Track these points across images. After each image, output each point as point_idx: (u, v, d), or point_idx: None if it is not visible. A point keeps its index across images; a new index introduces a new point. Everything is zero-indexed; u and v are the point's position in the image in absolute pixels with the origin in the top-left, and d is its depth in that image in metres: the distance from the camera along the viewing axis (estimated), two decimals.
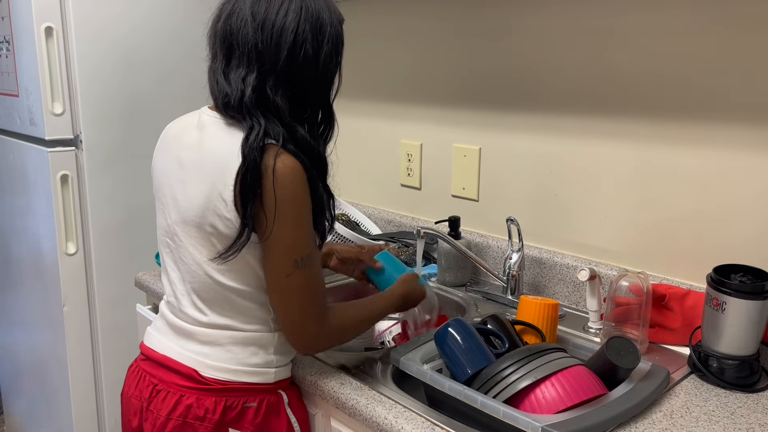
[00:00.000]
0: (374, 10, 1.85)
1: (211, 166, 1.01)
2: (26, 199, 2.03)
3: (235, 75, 1.01)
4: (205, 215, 1.01)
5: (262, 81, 1.00)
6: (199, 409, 1.05)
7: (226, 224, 0.99)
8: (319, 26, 1.02)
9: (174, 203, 1.07)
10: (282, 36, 0.99)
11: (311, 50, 1.01)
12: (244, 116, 0.99)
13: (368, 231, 1.87)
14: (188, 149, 1.06)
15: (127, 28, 1.88)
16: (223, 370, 1.06)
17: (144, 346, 1.17)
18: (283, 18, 0.99)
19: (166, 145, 1.12)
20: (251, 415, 1.07)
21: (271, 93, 1.00)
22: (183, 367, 1.07)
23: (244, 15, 1.00)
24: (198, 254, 1.04)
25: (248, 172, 0.96)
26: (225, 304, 1.06)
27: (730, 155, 1.23)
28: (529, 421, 0.91)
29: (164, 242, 1.12)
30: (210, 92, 1.06)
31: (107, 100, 1.88)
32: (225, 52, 1.03)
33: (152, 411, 1.08)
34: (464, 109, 1.67)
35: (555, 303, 1.23)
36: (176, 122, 1.15)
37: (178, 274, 1.10)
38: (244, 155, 0.97)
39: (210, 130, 1.04)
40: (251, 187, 0.96)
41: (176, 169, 1.07)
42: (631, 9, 1.31)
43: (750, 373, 1.11)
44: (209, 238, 1.02)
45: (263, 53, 0.99)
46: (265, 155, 0.97)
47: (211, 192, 1.00)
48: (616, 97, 1.37)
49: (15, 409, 2.50)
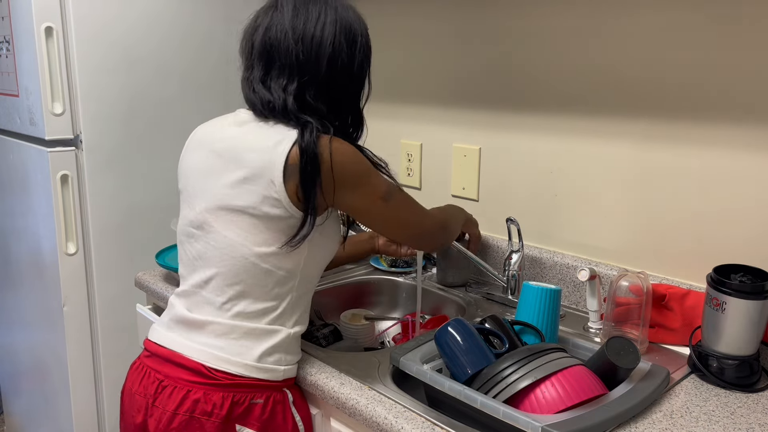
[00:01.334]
0: (374, 11, 1.85)
1: (256, 151, 1.04)
2: (26, 199, 2.03)
3: (275, 84, 1.07)
4: (250, 198, 1.04)
5: (302, 89, 1.07)
6: (207, 404, 1.05)
7: (274, 205, 1.03)
8: (352, 37, 1.09)
9: (204, 193, 1.10)
10: (321, 47, 1.06)
11: (347, 60, 1.09)
12: (291, 119, 1.06)
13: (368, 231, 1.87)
14: (227, 140, 1.10)
15: (127, 28, 1.88)
16: (234, 363, 1.07)
17: (149, 342, 1.16)
18: (321, 30, 1.06)
19: (197, 143, 1.16)
20: (258, 412, 1.07)
21: (311, 100, 1.07)
22: (190, 361, 1.08)
23: (284, 28, 1.06)
24: (236, 237, 1.06)
25: (308, 163, 1.01)
26: (253, 288, 1.08)
27: (730, 155, 1.23)
28: (529, 421, 0.91)
29: (188, 233, 1.14)
30: (245, 100, 1.12)
31: (107, 100, 1.88)
32: (264, 63, 1.09)
33: (158, 407, 1.08)
34: (464, 109, 1.67)
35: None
36: (208, 123, 1.19)
37: (203, 262, 1.11)
38: (302, 149, 1.02)
39: (251, 126, 1.09)
40: (311, 178, 1.02)
41: (211, 160, 1.11)
42: (632, 9, 1.31)
43: (750, 373, 1.11)
44: (251, 220, 1.05)
45: (303, 64, 1.06)
46: (319, 143, 1.03)
47: (258, 176, 1.03)
48: (616, 97, 1.37)
49: (15, 409, 2.50)
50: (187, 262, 1.15)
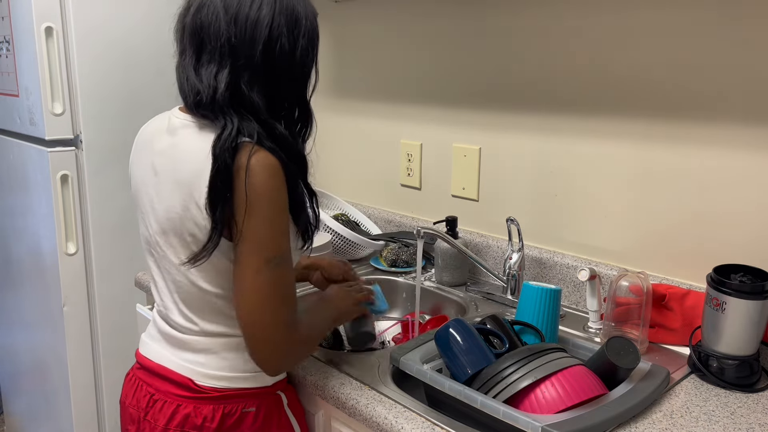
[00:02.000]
0: (374, 11, 1.85)
1: (184, 173, 0.96)
2: (26, 199, 2.03)
3: (206, 71, 0.96)
4: (184, 224, 0.97)
5: (236, 77, 0.95)
6: (197, 417, 1.03)
7: (203, 232, 0.95)
8: (295, 20, 0.98)
9: (153, 212, 1.03)
10: (256, 29, 0.95)
11: (287, 44, 0.97)
12: (216, 115, 0.95)
13: (368, 231, 1.87)
14: (160, 155, 1.01)
15: (126, 28, 1.88)
16: (220, 378, 1.04)
17: (139, 355, 1.15)
18: (257, 11, 0.95)
19: (140, 151, 1.09)
20: (250, 420, 1.06)
21: (246, 89, 0.95)
22: (178, 376, 1.05)
23: (215, 8, 0.95)
24: (177, 261, 1.01)
25: (219, 174, 0.91)
26: (212, 310, 1.03)
27: (730, 155, 1.23)
28: (529, 421, 0.91)
29: (147, 251, 1.09)
30: (179, 91, 1.00)
31: (107, 100, 1.88)
32: (195, 48, 0.97)
33: (149, 421, 1.07)
34: (464, 109, 1.67)
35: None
36: (148, 125, 1.11)
37: (164, 283, 1.07)
38: (215, 155, 0.91)
39: (181, 135, 0.99)
40: (221, 190, 0.91)
41: (151, 176, 1.03)
42: (632, 9, 1.31)
43: (750, 373, 1.11)
44: (189, 246, 0.98)
45: (237, 48, 0.95)
46: (238, 155, 0.92)
47: (188, 200, 0.96)
48: (616, 97, 1.37)
49: (15, 409, 2.50)
50: (152, 280, 1.11)
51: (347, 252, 1.73)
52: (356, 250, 1.73)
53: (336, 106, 2.04)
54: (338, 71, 2.01)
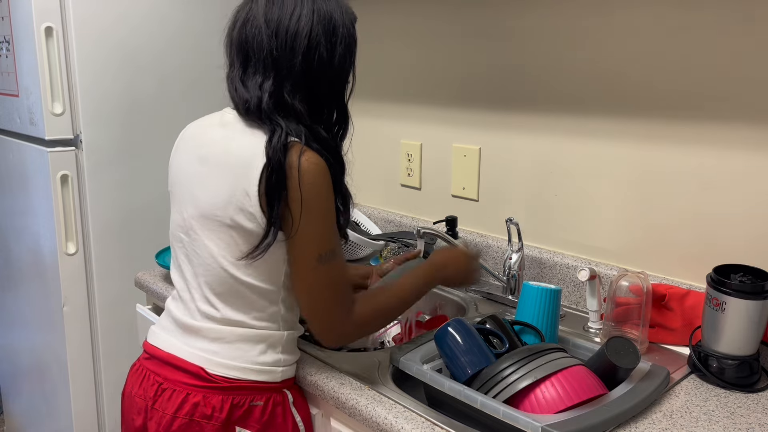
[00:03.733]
0: (374, 10, 1.85)
1: (236, 161, 1.02)
2: (26, 199, 2.03)
3: (252, 82, 1.03)
4: (227, 209, 1.02)
5: (279, 87, 1.02)
6: (206, 407, 1.05)
7: (249, 218, 1.00)
8: (332, 28, 1.03)
9: (191, 199, 1.08)
10: (296, 41, 1.01)
11: (325, 53, 1.03)
12: (264, 120, 1.01)
13: (368, 231, 1.87)
14: (211, 145, 1.07)
15: (127, 28, 1.88)
16: (232, 367, 1.06)
17: (148, 345, 1.16)
18: (297, 23, 1.01)
19: (185, 144, 1.14)
20: (258, 414, 1.07)
21: (288, 98, 1.02)
22: (189, 365, 1.07)
23: (258, 22, 1.02)
24: (215, 247, 1.05)
25: (273, 172, 0.97)
26: (237, 299, 1.06)
27: (730, 155, 1.23)
28: (529, 421, 0.91)
29: (177, 237, 1.13)
30: (230, 98, 1.08)
31: (107, 100, 1.87)
32: (242, 60, 1.05)
33: (157, 410, 1.08)
34: (464, 109, 1.67)
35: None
36: (197, 122, 1.17)
37: (191, 268, 1.10)
38: (269, 156, 0.98)
39: (235, 128, 1.05)
40: (276, 188, 0.98)
41: (196, 165, 1.08)
42: (632, 9, 1.31)
43: (750, 373, 1.11)
44: (229, 232, 1.03)
45: (279, 59, 1.01)
46: (288, 153, 0.98)
47: (236, 186, 1.01)
48: (616, 97, 1.37)
49: (15, 409, 2.50)
50: (176, 266, 1.15)
51: (347, 252, 1.73)
52: (356, 250, 1.73)
53: None
54: None
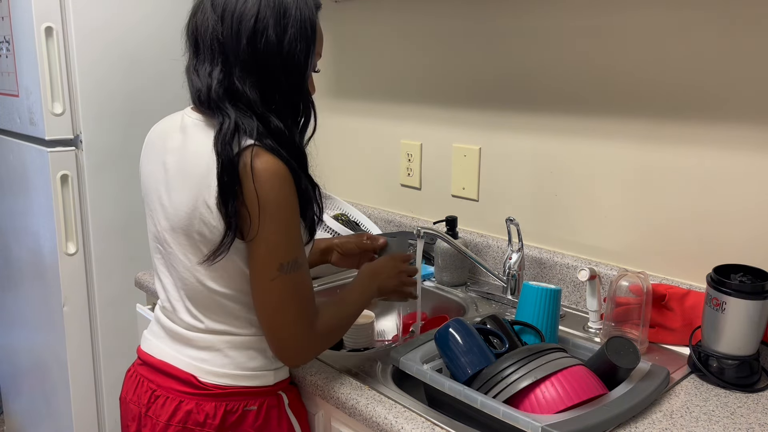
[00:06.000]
0: (374, 10, 1.85)
1: (194, 171, 0.98)
2: (26, 199, 2.03)
3: (202, 70, 0.99)
4: (192, 222, 0.99)
5: (228, 73, 0.97)
6: (199, 414, 1.04)
7: (212, 231, 0.97)
8: (283, 11, 0.97)
9: (162, 209, 1.04)
10: (242, 24, 0.96)
11: (274, 36, 0.96)
12: (214, 111, 0.97)
13: (368, 231, 1.87)
14: (172, 153, 1.03)
15: (127, 28, 1.88)
16: (223, 375, 1.05)
17: (141, 351, 1.15)
18: (243, 5, 0.96)
19: (151, 148, 1.10)
20: (252, 419, 1.06)
21: (239, 84, 0.97)
22: (181, 372, 1.06)
23: (205, 9, 0.99)
24: (188, 261, 1.02)
25: (224, 170, 0.93)
26: (218, 309, 1.04)
27: (730, 155, 1.23)
28: (529, 421, 0.91)
29: (155, 248, 1.10)
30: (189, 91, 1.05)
31: (107, 100, 1.88)
32: (193, 49, 1.02)
33: (151, 417, 1.07)
34: (464, 109, 1.67)
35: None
36: (161, 123, 1.13)
37: (171, 280, 1.08)
38: (218, 152, 0.94)
39: (191, 133, 1.01)
40: (230, 185, 0.93)
41: (162, 173, 1.04)
42: (632, 9, 1.31)
43: (750, 373, 1.11)
44: (197, 245, 1.00)
45: (224, 44, 0.97)
46: (242, 155, 0.94)
47: (197, 199, 0.97)
48: (616, 97, 1.37)
49: (15, 409, 2.50)
50: (157, 277, 1.12)
51: None
52: None
53: (336, 106, 2.04)
54: (338, 71, 2.01)
